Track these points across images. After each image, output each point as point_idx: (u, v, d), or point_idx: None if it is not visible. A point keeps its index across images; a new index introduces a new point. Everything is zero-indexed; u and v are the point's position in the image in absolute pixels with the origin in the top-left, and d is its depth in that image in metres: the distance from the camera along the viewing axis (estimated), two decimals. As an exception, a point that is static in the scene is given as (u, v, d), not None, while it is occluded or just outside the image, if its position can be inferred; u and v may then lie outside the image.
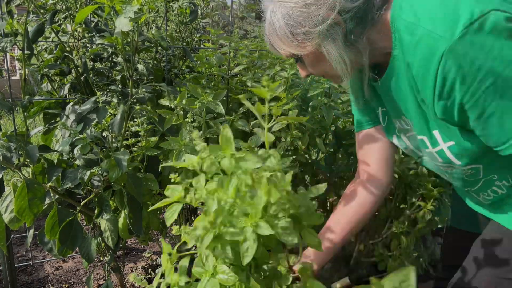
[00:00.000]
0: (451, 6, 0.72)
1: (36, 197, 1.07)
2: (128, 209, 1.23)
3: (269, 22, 0.91)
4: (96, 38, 1.31)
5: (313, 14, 0.83)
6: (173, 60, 1.60)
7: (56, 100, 1.36)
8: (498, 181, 0.93)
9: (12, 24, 1.10)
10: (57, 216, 1.13)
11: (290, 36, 0.88)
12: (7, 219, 1.11)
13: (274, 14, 0.88)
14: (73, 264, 1.98)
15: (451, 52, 0.71)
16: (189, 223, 1.93)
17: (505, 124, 0.75)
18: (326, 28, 0.83)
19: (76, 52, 1.33)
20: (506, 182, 0.92)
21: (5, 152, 1.07)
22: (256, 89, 0.68)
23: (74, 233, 1.15)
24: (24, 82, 1.17)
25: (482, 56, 0.70)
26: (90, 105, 1.19)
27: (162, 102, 1.31)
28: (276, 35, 0.90)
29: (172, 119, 1.26)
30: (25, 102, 1.14)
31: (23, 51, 1.12)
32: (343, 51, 0.86)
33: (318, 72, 0.98)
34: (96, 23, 1.45)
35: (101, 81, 1.41)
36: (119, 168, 1.09)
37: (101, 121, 1.17)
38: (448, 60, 0.72)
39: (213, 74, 1.53)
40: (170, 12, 1.47)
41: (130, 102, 1.19)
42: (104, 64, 1.46)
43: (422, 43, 0.76)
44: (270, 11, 0.90)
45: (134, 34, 1.14)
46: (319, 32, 0.84)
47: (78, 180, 1.10)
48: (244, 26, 3.46)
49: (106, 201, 1.19)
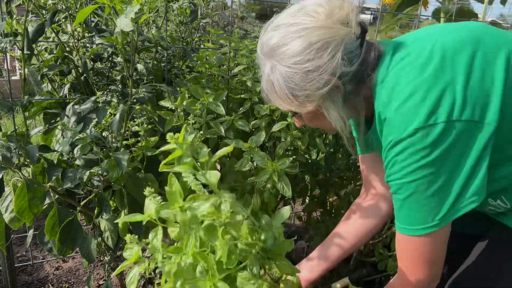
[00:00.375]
0: (413, 107, 0.79)
1: (36, 197, 1.07)
2: (128, 209, 1.23)
3: (267, 80, 0.91)
4: (96, 38, 1.31)
5: (315, 79, 0.84)
6: (173, 60, 1.60)
7: (56, 100, 1.36)
8: (493, 200, 0.93)
9: (12, 24, 1.10)
10: (57, 216, 1.13)
11: (291, 97, 0.89)
12: (7, 219, 1.11)
13: (273, 73, 0.88)
14: (73, 264, 1.98)
15: (397, 143, 0.80)
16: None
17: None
18: (327, 91, 0.86)
19: (76, 52, 1.33)
20: (502, 202, 0.92)
21: (5, 152, 1.07)
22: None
23: (74, 233, 1.15)
24: (24, 82, 1.17)
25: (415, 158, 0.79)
26: (90, 105, 1.19)
27: (163, 103, 1.31)
28: (275, 93, 0.91)
29: (172, 121, 1.26)
30: (25, 102, 1.14)
31: (23, 51, 1.12)
32: (342, 111, 0.90)
33: (316, 125, 1.02)
34: (96, 23, 1.45)
35: (101, 81, 1.41)
36: (119, 168, 1.09)
37: (101, 121, 1.17)
38: (391, 149, 0.82)
39: (213, 74, 1.53)
40: (170, 12, 1.47)
41: (130, 102, 1.19)
42: (104, 64, 1.46)
43: (385, 124, 0.84)
44: (269, 69, 0.89)
45: (134, 34, 1.14)
46: (320, 94, 0.86)
47: (78, 180, 1.10)
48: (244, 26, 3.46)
49: (106, 201, 1.19)
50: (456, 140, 0.77)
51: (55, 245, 1.14)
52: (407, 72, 0.82)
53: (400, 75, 0.83)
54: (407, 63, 0.83)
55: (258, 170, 1.32)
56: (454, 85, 0.77)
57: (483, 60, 0.80)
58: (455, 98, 0.76)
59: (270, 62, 0.89)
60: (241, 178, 1.44)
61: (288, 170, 1.29)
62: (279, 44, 0.86)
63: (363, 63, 0.87)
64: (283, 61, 0.86)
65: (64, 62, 1.33)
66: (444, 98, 0.77)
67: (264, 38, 0.90)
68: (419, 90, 0.78)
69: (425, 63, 0.81)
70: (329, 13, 0.84)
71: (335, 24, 0.84)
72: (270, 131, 1.39)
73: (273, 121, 1.43)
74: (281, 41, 0.86)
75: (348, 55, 0.85)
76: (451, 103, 0.76)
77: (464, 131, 0.76)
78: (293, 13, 0.88)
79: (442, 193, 0.80)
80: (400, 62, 0.85)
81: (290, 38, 0.85)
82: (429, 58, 0.81)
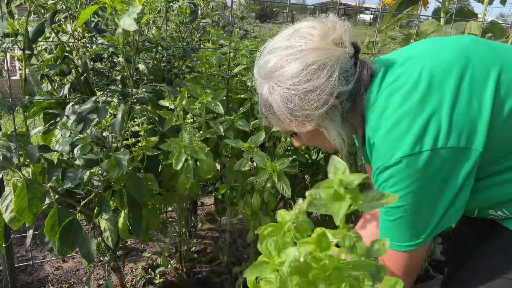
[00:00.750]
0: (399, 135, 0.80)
1: (36, 197, 1.07)
2: (128, 209, 1.23)
3: (265, 101, 0.92)
4: (96, 38, 1.31)
5: (314, 99, 0.86)
6: (173, 60, 1.60)
7: (56, 100, 1.36)
8: (494, 211, 0.93)
9: (12, 24, 1.10)
10: (57, 216, 1.13)
11: (290, 118, 0.90)
12: (7, 219, 1.11)
13: (272, 95, 0.89)
14: (73, 264, 1.98)
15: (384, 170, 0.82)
16: (192, 225, 1.93)
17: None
18: (325, 111, 0.87)
19: (76, 52, 1.33)
20: (502, 213, 0.92)
21: (5, 152, 1.07)
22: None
23: (74, 233, 1.15)
24: (24, 82, 1.17)
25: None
26: (90, 105, 1.19)
27: (162, 103, 1.31)
28: (274, 114, 0.92)
29: (172, 120, 1.26)
30: (25, 102, 1.14)
31: (23, 51, 1.12)
32: (340, 130, 0.91)
33: (315, 145, 1.03)
34: (96, 23, 1.45)
35: (101, 81, 1.41)
36: (119, 168, 1.09)
37: (101, 121, 1.17)
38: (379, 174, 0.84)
39: (213, 74, 1.53)
40: (170, 12, 1.47)
41: (131, 102, 1.19)
42: (104, 64, 1.46)
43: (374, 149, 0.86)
44: (266, 90, 0.90)
45: (135, 34, 1.14)
46: (319, 114, 0.87)
47: (78, 180, 1.10)
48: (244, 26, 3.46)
49: (106, 201, 1.19)
50: (442, 166, 0.78)
51: (55, 245, 1.14)
52: (395, 98, 0.83)
53: (388, 101, 0.84)
54: (395, 89, 0.84)
55: (258, 170, 1.32)
56: (440, 112, 0.79)
57: (471, 83, 0.81)
58: (440, 126, 0.78)
59: (268, 84, 0.89)
60: (241, 178, 1.44)
61: (288, 170, 1.29)
62: (276, 66, 0.87)
63: (358, 81, 0.88)
64: (281, 83, 0.87)
65: (64, 62, 1.33)
66: (429, 126, 0.78)
67: (261, 61, 0.91)
68: (405, 117, 0.80)
69: (412, 89, 0.82)
70: (323, 35, 0.86)
71: (330, 45, 0.85)
72: (270, 131, 1.39)
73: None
74: (278, 64, 0.87)
75: (344, 74, 0.86)
76: (436, 131, 0.78)
77: (450, 158, 0.78)
78: (287, 36, 0.89)
79: (428, 215, 0.82)
80: (389, 86, 0.86)
81: (287, 61, 0.86)
82: (416, 83, 0.82)
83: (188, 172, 1.21)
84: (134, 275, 1.87)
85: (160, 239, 1.94)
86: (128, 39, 1.18)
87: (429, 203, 0.81)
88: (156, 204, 1.42)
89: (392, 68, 0.89)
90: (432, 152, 0.77)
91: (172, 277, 1.86)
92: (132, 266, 1.95)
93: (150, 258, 2.02)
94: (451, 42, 0.92)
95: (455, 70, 0.82)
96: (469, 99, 0.80)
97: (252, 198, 1.40)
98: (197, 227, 2.10)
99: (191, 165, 1.20)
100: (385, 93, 0.85)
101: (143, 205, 1.27)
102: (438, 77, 0.82)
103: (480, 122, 0.79)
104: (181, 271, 1.87)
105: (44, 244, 1.20)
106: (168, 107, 1.29)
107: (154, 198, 1.38)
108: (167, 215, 1.99)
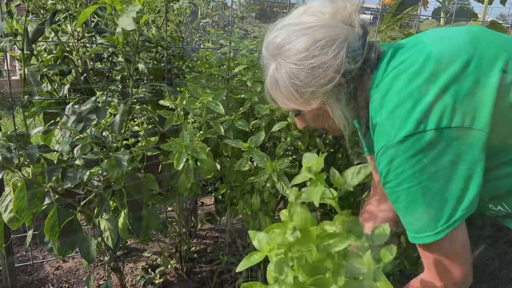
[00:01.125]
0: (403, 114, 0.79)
1: (36, 197, 1.07)
2: (128, 209, 1.23)
3: (271, 79, 0.92)
4: (96, 38, 1.31)
5: (320, 76, 0.86)
6: (173, 60, 1.60)
7: (56, 100, 1.36)
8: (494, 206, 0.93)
9: (12, 24, 1.10)
10: (57, 216, 1.13)
11: (295, 95, 0.90)
12: (7, 219, 1.10)
13: (278, 72, 0.90)
14: (73, 264, 1.98)
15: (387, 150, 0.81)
16: (192, 225, 1.93)
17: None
18: (331, 88, 0.87)
19: (76, 52, 1.33)
20: (502, 208, 0.92)
21: (5, 152, 1.07)
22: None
23: (74, 233, 1.15)
24: (24, 82, 1.17)
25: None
26: (90, 105, 1.19)
27: (163, 102, 1.31)
28: (279, 92, 0.92)
29: (172, 120, 1.26)
30: (25, 102, 1.14)
31: (22, 51, 1.12)
32: (345, 109, 0.91)
33: (318, 125, 1.02)
34: (96, 23, 1.45)
35: (101, 81, 1.41)
36: (119, 168, 1.09)
37: (101, 121, 1.17)
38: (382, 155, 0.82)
39: (213, 74, 1.53)
40: (170, 12, 1.47)
41: (131, 102, 1.19)
42: (104, 64, 1.46)
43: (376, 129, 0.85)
44: (273, 68, 0.91)
45: (135, 34, 1.14)
46: (325, 91, 0.87)
47: (78, 180, 1.10)
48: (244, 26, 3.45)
49: (106, 201, 1.19)
50: (447, 146, 0.77)
51: (55, 245, 1.14)
52: (400, 79, 0.83)
53: (393, 81, 0.84)
54: (402, 70, 0.84)
55: (258, 170, 1.32)
56: (445, 93, 0.78)
57: (478, 66, 0.80)
58: (445, 106, 0.77)
59: (276, 60, 0.90)
60: (241, 178, 1.44)
61: (288, 170, 1.29)
62: (284, 42, 0.88)
63: (365, 61, 0.89)
64: (288, 58, 0.87)
65: (64, 62, 1.33)
66: (435, 105, 0.77)
67: (270, 37, 0.91)
68: (410, 97, 0.79)
69: (418, 70, 0.82)
70: (333, 13, 0.87)
71: (339, 23, 0.86)
72: (270, 131, 1.39)
73: (273, 121, 1.43)
74: (287, 39, 0.88)
75: (351, 53, 0.86)
76: (441, 111, 0.77)
77: (455, 138, 0.77)
78: (297, 15, 0.91)
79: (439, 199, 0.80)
80: (395, 68, 0.86)
81: (295, 36, 0.87)
82: (423, 65, 0.82)
83: (189, 172, 1.21)
84: (134, 275, 1.87)
85: (160, 239, 1.94)
86: (128, 39, 1.17)
87: (439, 186, 0.79)
88: (156, 204, 1.42)
89: (400, 51, 0.89)
90: (436, 132, 0.76)
91: (172, 277, 1.86)
92: (132, 266, 1.95)
93: (150, 258, 2.02)
94: (461, 29, 0.92)
95: (463, 53, 0.82)
96: (475, 81, 0.79)
97: (252, 198, 1.40)
98: (197, 227, 2.10)
99: (191, 165, 1.20)
100: (391, 74, 0.85)
101: (143, 205, 1.27)
102: (445, 60, 0.82)
103: (485, 104, 0.78)
104: (181, 271, 1.87)
105: (44, 244, 1.20)
106: (168, 107, 1.29)
107: (154, 198, 1.38)
108: (167, 215, 1.99)
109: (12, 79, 1.30)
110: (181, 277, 1.86)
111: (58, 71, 1.32)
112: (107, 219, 1.20)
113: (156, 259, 1.99)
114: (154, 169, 1.31)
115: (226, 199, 1.53)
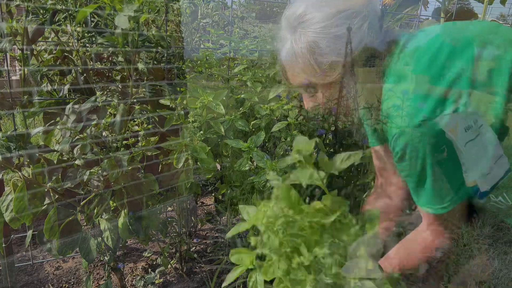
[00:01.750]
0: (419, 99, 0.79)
1: (36, 197, 1.07)
2: (128, 209, 1.23)
3: (288, 51, 0.92)
4: (96, 38, 1.31)
5: (341, 46, 0.86)
6: (173, 60, 1.60)
7: (56, 100, 1.36)
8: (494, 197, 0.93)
9: (12, 24, 1.10)
10: (56, 216, 1.13)
11: (313, 64, 0.89)
12: (7, 218, 1.11)
13: (297, 43, 0.89)
14: (73, 264, 1.98)
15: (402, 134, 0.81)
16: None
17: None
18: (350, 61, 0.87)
19: (76, 52, 1.33)
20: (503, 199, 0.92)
21: (5, 152, 1.07)
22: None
23: (74, 233, 1.15)
24: (24, 82, 1.17)
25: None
26: (90, 105, 1.19)
27: (163, 102, 1.31)
28: (297, 64, 0.91)
29: (172, 119, 1.26)
30: (25, 102, 1.14)
31: (22, 51, 1.12)
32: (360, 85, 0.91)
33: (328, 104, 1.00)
34: (96, 23, 1.45)
35: (101, 81, 1.41)
36: (119, 167, 1.09)
37: (101, 121, 1.17)
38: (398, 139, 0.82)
39: (213, 74, 1.53)
40: (170, 12, 1.47)
41: (131, 102, 1.19)
42: (104, 64, 1.45)
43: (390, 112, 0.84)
44: (292, 40, 0.91)
45: (135, 34, 1.14)
46: (343, 64, 0.87)
47: (78, 180, 1.10)
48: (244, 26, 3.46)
49: (106, 201, 1.19)
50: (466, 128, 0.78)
51: (55, 245, 1.14)
52: (416, 65, 0.83)
53: (407, 69, 0.84)
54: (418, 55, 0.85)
55: (258, 169, 1.32)
56: (459, 80, 0.79)
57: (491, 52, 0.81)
58: (460, 92, 0.78)
59: (296, 31, 0.90)
60: (241, 178, 1.44)
61: (288, 170, 1.29)
62: (306, 12, 0.88)
63: (381, 43, 0.88)
64: (309, 27, 0.87)
65: (64, 62, 1.33)
66: (451, 91, 0.78)
67: (290, 10, 0.92)
68: (426, 82, 0.80)
69: (434, 56, 0.82)
70: None
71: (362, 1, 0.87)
72: (270, 131, 1.39)
73: (273, 121, 1.43)
74: (308, 10, 0.88)
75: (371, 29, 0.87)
76: (457, 95, 0.78)
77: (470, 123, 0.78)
78: None
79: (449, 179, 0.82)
80: (409, 55, 0.86)
81: (317, 6, 0.87)
82: (438, 51, 0.82)
83: (189, 171, 1.21)
84: (134, 275, 1.87)
85: (160, 239, 1.94)
86: (128, 39, 1.17)
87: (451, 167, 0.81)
88: (156, 204, 1.42)
89: (416, 38, 0.90)
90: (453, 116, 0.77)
91: (172, 277, 1.86)
92: (132, 266, 1.95)
93: (150, 258, 2.02)
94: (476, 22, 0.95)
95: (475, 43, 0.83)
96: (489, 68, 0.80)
97: (252, 198, 1.40)
98: (197, 227, 2.10)
99: (191, 165, 1.20)
100: (404, 61, 0.86)
101: (143, 205, 1.27)
102: (460, 46, 0.82)
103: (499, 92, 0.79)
104: (181, 271, 1.87)
105: (44, 244, 1.20)
106: (169, 106, 1.29)
107: (154, 198, 1.38)
108: (167, 215, 1.99)
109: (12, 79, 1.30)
110: (181, 277, 1.86)
111: (58, 71, 1.32)
112: (107, 219, 1.20)
113: (156, 259, 1.99)
114: (154, 169, 1.31)
115: (226, 199, 1.53)
